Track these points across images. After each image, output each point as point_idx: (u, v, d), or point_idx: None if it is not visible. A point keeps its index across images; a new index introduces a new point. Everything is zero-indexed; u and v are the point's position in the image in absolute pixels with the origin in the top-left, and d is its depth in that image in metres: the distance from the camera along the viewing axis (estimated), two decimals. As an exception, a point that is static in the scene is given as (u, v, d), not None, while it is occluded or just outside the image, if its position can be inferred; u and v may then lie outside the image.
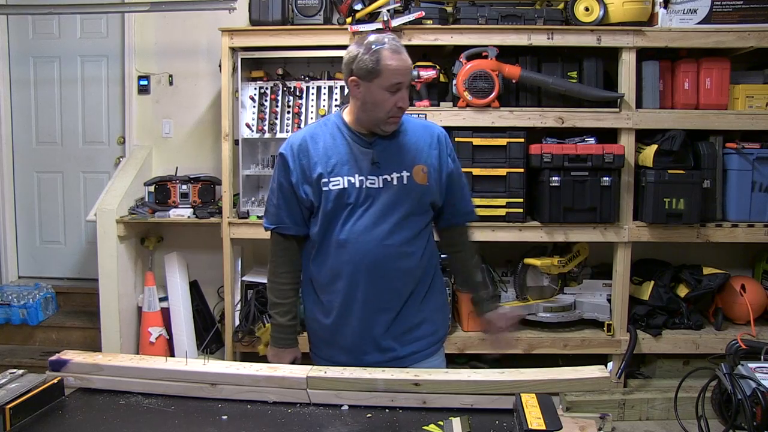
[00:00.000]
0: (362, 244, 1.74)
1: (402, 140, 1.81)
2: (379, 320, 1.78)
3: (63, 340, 4.05)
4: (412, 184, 1.77)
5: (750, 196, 3.46)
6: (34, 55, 4.40)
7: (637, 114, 3.42)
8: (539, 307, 3.57)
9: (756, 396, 2.23)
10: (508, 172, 3.41)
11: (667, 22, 3.41)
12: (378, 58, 1.68)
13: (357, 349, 1.80)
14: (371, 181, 1.75)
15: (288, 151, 1.80)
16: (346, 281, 1.77)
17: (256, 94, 3.62)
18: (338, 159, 1.76)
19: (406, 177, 1.77)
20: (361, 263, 1.74)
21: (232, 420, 1.45)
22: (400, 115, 1.75)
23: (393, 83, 1.69)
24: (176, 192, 3.85)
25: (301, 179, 1.77)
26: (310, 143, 1.78)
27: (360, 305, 1.77)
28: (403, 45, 1.75)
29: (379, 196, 1.75)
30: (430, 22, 3.43)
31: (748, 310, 3.52)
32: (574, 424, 1.34)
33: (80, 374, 1.58)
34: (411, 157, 1.79)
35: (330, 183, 1.74)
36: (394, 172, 1.76)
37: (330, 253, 1.78)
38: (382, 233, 1.74)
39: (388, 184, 1.76)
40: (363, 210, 1.75)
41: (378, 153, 1.77)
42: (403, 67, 1.70)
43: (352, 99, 1.78)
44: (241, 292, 3.73)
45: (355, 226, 1.74)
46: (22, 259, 4.56)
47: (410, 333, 1.82)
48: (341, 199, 1.74)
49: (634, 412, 3.39)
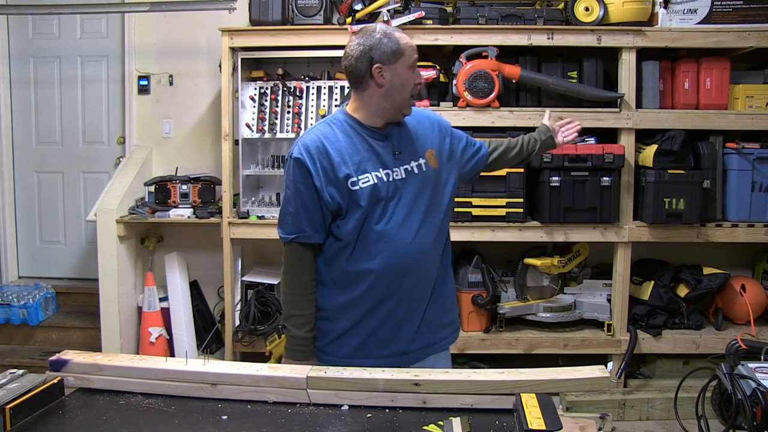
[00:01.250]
0: (401, 237, 1.74)
1: (409, 128, 1.83)
2: (418, 309, 1.82)
3: (63, 340, 4.05)
4: (429, 170, 1.81)
5: (750, 196, 3.46)
6: (34, 55, 4.40)
7: (637, 114, 3.42)
8: (539, 307, 3.57)
9: (756, 396, 2.23)
10: (508, 172, 3.41)
11: (667, 22, 3.42)
12: (396, 39, 1.72)
13: (398, 339, 1.81)
14: (396, 173, 1.76)
15: (305, 155, 1.72)
16: (389, 276, 1.75)
17: (256, 94, 3.62)
18: (361, 156, 1.73)
19: (423, 164, 1.80)
20: (403, 256, 1.74)
21: (232, 420, 1.44)
22: (417, 92, 1.81)
23: (414, 59, 1.76)
24: (176, 192, 3.85)
25: (326, 182, 1.71)
26: (327, 144, 1.72)
27: (401, 297, 1.78)
28: None
29: (405, 187, 1.76)
30: (430, 22, 3.43)
31: (748, 310, 3.52)
32: (574, 424, 1.34)
33: (80, 374, 1.58)
34: (422, 143, 1.82)
35: (360, 181, 1.71)
36: (412, 160, 1.79)
37: (369, 250, 1.74)
38: (417, 223, 1.76)
39: (409, 173, 1.77)
40: (395, 203, 1.74)
41: (397, 143, 1.78)
42: (413, 42, 1.80)
43: (371, 90, 1.75)
44: (241, 292, 3.73)
45: (391, 220, 1.73)
46: (22, 259, 4.56)
47: (440, 319, 1.88)
48: (374, 195, 1.72)
49: (634, 412, 3.39)
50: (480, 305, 3.52)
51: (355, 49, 1.72)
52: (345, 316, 1.81)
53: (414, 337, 1.83)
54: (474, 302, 3.53)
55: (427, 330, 1.85)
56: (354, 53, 1.73)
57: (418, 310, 1.82)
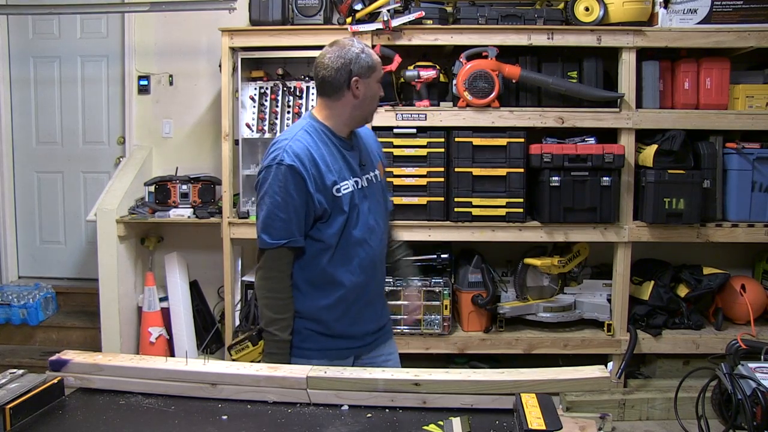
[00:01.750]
0: (373, 240, 1.90)
1: (362, 140, 1.98)
2: (381, 303, 2.02)
3: (63, 340, 4.05)
4: (381, 180, 1.99)
5: (750, 196, 3.46)
6: (34, 55, 4.40)
7: (637, 114, 3.42)
8: (539, 307, 3.57)
9: (756, 396, 2.23)
10: (508, 172, 3.41)
11: (667, 22, 3.41)
12: (371, 55, 1.85)
13: (365, 331, 1.95)
14: (362, 181, 1.90)
15: (297, 162, 1.76)
16: (364, 275, 1.89)
17: (256, 94, 3.62)
18: (339, 164, 1.85)
19: (377, 174, 1.97)
20: (376, 257, 1.92)
21: (232, 420, 1.45)
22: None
23: (382, 74, 1.90)
24: (176, 192, 3.85)
25: (316, 189, 1.78)
26: (314, 152, 1.80)
27: (370, 295, 1.94)
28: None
29: (369, 194, 1.91)
30: (430, 22, 3.43)
31: (748, 310, 3.52)
32: (574, 424, 1.34)
33: (80, 374, 1.58)
34: (373, 155, 1.99)
35: (342, 188, 1.83)
36: (370, 171, 1.94)
37: (348, 253, 1.86)
38: (383, 226, 1.96)
39: (370, 181, 1.92)
40: (366, 209, 1.88)
41: (359, 154, 1.92)
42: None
43: (345, 100, 1.83)
44: (241, 292, 3.73)
45: (365, 225, 1.87)
46: (22, 259, 4.56)
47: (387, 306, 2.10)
48: (352, 201, 1.84)
49: (634, 412, 3.39)
50: (480, 305, 3.52)
51: (335, 61, 1.80)
52: (322, 316, 1.88)
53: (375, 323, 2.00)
54: (474, 302, 3.53)
55: (382, 317, 2.04)
56: (333, 65, 1.80)
57: (378, 304, 2.00)
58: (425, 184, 3.43)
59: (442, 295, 3.46)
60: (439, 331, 3.49)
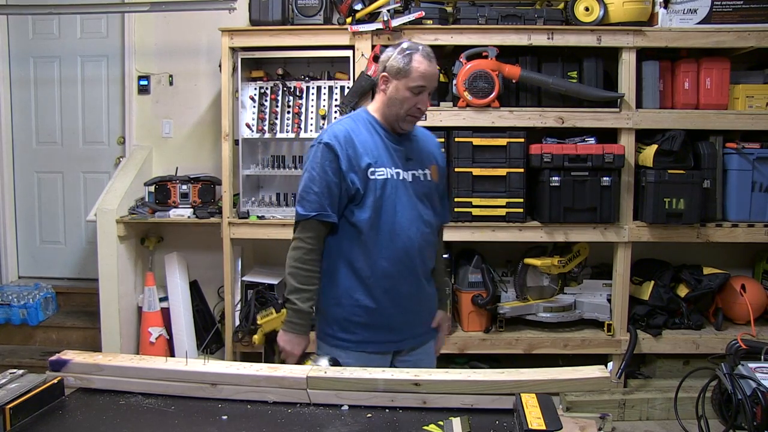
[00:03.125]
0: (410, 232, 1.91)
1: (419, 141, 2.03)
2: (419, 302, 2.00)
3: (63, 340, 4.05)
4: (431, 181, 2.01)
5: (750, 196, 3.46)
6: (34, 55, 4.40)
7: (637, 114, 3.42)
8: (539, 307, 3.57)
9: (756, 396, 2.24)
10: (508, 172, 3.41)
11: (667, 22, 3.42)
12: (410, 60, 1.87)
13: (404, 326, 1.97)
14: (405, 174, 1.93)
15: (334, 141, 1.88)
16: (394, 268, 1.90)
17: (256, 94, 3.62)
18: (379, 152, 1.91)
19: (428, 174, 2.00)
20: (410, 250, 1.92)
21: (232, 420, 1.45)
22: (419, 116, 1.93)
23: (418, 85, 1.87)
24: (176, 192, 3.85)
25: (349, 168, 1.87)
26: (353, 135, 1.90)
27: (406, 290, 1.94)
28: (431, 53, 1.91)
29: (412, 189, 1.94)
30: (430, 22, 3.43)
31: (748, 310, 3.52)
32: (574, 424, 1.34)
33: (80, 374, 1.58)
34: (428, 156, 2.02)
35: (377, 172, 1.88)
36: (419, 168, 1.97)
37: (380, 241, 1.89)
38: (421, 222, 1.95)
39: (416, 178, 1.96)
40: (404, 200, 1.91)
41: (410, 150, 1.97)
42: (430, 72, 1.88)
43: (379, 94, 1.95)
44: (241, 292, 3.73)
45: (401, 215, 1.90)
46: (22, 259, 4.56)
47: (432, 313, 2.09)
48: (386, 188, 1.88)
49: (634, 412, 3.39)
50: (480, 305, 3.52)
51: (383, 55, 1.93)
52: (353, 302, 1.92)
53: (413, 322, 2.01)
54: (474, 302, 3.53)
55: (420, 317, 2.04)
56: (381, 58, 1.94)
57: (415, 303, 1.99)
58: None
59: (442, 295, 3.46)
60: (439, 331, 3.49)
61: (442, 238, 2.20)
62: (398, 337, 1.97)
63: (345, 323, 1.94)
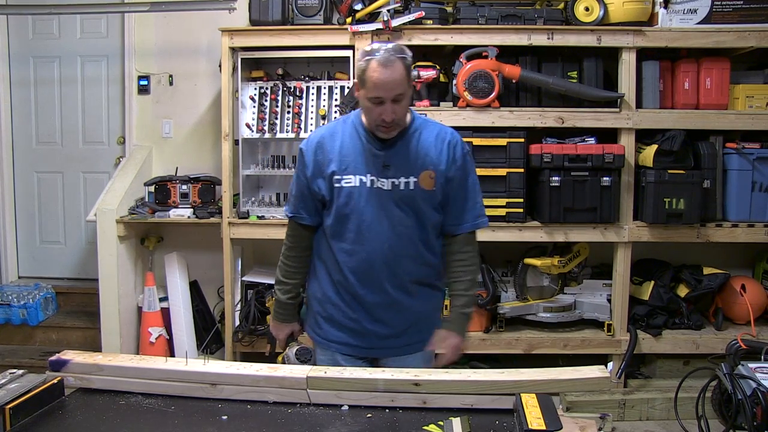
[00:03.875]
0: (376, 243, 1.83)
1: (414, 145, 1.84)
2: (393, 312, 1.90)
3: (63, 340, 4.05)
4: (418, 190, 1.83)
5: (750, 196, 3.46)
6: (34, 55, 4.40)
7: (637, 114, 3.42)
8: (539, 307, 3.57)
9: (756, 396, 2.24)
10: (508, 172, 3.41)
11: (667, 22, 3.41)
12: (365, 68, 1.71)
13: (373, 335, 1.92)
14: (381, 182, 1.82)
15: (306, 147, 1.89)
16: (359, 276, 1.87)
17: (256, 94, 3.62)
18: (353, 158, 1.83)
19: (413, 182, 1.82)
20: (374, 261, 1.84)
21: (232, 420, 1.45)
22: (386, 126, 1.77)
23: (374, 96, 1.72)
24: (176, 192, 3.85)
25: (316, 174, 1.86)
26: (327, 141, 1.86)
27: (371, 299, 1.88)
28: (401, 55, 1.73)
29: (389, 197, 1.82)
30: (430, 22, 3.43)
31: (748, 310, 3.52)
32: (574, 424, 1.34)
33: (80, 374, 1.58)
34: (420, 162, 1.83)
35: (342, 180, 1.82)
36: (402, 176, 1.82)
37: (343, 249, 1.87)
38: (393, 233, 1.83)
39: (395, 186, 1.82)
40: (375, 210, 1.82)
41: (389, 156, 1.83)
42: (385, 81, 1.69)
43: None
44: (241, 292, 3.73)
45: (368, 225, 1.82)
46: (22, 259, 4.56)
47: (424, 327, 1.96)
48: (352, 196, 1.82)
49: (634, 412, 3.39)
50: (480, 305, 3.51)
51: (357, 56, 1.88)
52: (324, 301, 1.94)
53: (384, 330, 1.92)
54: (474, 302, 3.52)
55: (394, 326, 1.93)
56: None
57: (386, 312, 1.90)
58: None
59: (442, 295, 3.45)
60: (439, 331, 3.49)
61: (466, 250, 1.92)
62: (368, 344, 1.92)
63: (320, 319, 1.97)
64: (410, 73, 1.77)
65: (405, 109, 1.78)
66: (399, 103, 1.73)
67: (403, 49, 1.76)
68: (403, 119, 1.80)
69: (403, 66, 1.71)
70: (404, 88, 1.74)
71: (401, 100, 1.74)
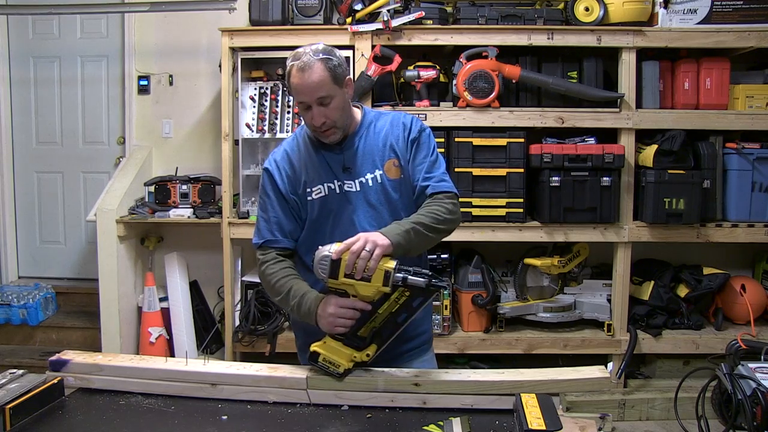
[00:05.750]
0: None
1: (370, 138, 1.79)
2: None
3: (63, 340, 4.05)
4: (386, 181, 1.76)
5: (750, 196, 3.46)
6: (34, 55, 4.40)
7: (637, 114, 3.42)
8: (539, 307, 3.57)
9: (756, 396, 2.23)
10: (508, 172, 3.41)
11: (667, 22, 3.41)
12: (288, 74, 1.68)
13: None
14: (348, 185, 1.75)
15: (272, 165, 1.80)
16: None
17: (256, 94, 3.62)
18: (315, 168, 1.76)
19: (379, 176, 1.75)
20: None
21: (232, 420, 1.45)
22: (319, 131, 1.71)
23: (298, 101, 1.69)
24: (176, 192, 3.85)
25: (290, 188, 1.76)
26: (291, 155, 1.79)
27: None
28: (323, 56, 1.65)
29: (359, 200, 1.74)
30: (430, 22, 3.43)
31: (748, 310, 3.52)
32: (574, 424, 1.34)
33: (80, 374, 1.58)
34: (381, 153, 1.77)
35: (313, 192, 1.75)
36: (368, 173, 1.75)
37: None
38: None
39: (364, 185, 1.75)
40: (347, 216, 1.74)
41: (349, 157, 1.76)
42: (303, 85, 1.65)
43: None
44: (241, 292, 3.73)
45: (340, 230, 1.72)
46: (22, 259, 4.56)
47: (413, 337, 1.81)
48: (324, 206, 1.74)
49: (634, 412, 3.39)
50: (480, 305, 3.52)
51: None
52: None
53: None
54: (474, 302, 3.53)
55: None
56: None
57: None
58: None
59: (442, 296, 3.46)
60: (439, 331, 3.49)
61: (429, 203, 1.72)
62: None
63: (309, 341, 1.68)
64: (338, 72, 1.67)
65: (338, 111, 1.69)
66: (327, 105, 1.67)
67: (328, 50, 1.69)
68: (341, 121, 1.72)
69: (323, 67, 1.65)
70: (328, 90, 1.66)
71: (328, 103, 1.67)
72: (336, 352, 1.54)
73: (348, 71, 1.76)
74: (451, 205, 1.73)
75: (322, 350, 1.55)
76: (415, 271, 1.52)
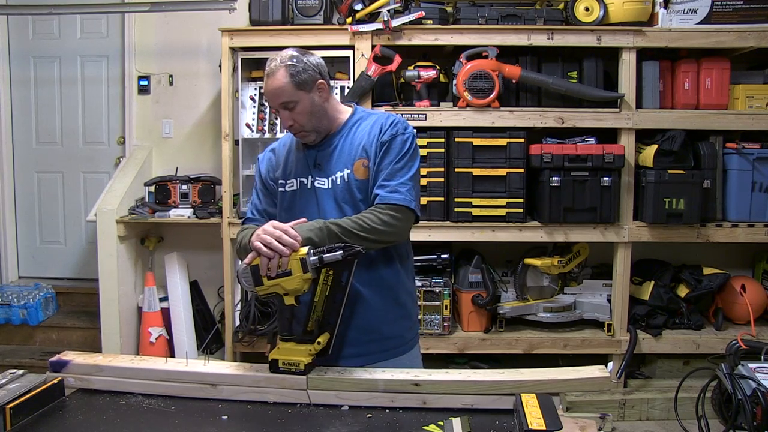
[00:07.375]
0: None
1: (350, 137, 1.80)
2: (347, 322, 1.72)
3: (63, 340, 4.05)
4: (352, 180, 1.75)
5: (750, 196, 3.46)
6: (34, 55, 4.40)
7: (637, 114, 3.42)
8: (539, 307, 3.57)
9: (756, 396, 2.24)
10: (508, 172, 3.41)
11: (667, 22, 3.41)
12: (265, 79, 1.77)
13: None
14: (320, 182, 1.78)
15: (261, 156, 1.93)
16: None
17: (256, 94, 3.62)
18: (294, 162, 1.84)
19: (347, 174, 1.75)
20: None
21: (232, 420, 1.45)
22: (293, 132, 1.78)
23: (272, 104, 1.77)
24: (176, 192, 3.85)
25: (270, 175, 1.88)
26: (278, 148, 1.91)
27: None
28: (287, 63, 1.72)
29: (327, 196, 1.76)
30: (430, 22, 3.43)
31: (748, 310, 3.52)
32: (575, 424, 1.34)
33: (80, 375, 1.58)
34: (354, 152, 1.77)
35: (286, 185, 1.83)
36: (338, 171, 1.77)
37: None
38: None
39: (335, 183, 1.76)
40: (314, 208, 1.77)
41: (321, 155, 1.80)
42: (267, 91, 1.74)
43: None
44: (241, 292, 3.73)
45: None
46: (22, 259, 4.56)
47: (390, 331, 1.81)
48: (294, 199, 1.81)
49: (634, 412, 3.39)
50: (480, 305, 3.52)
51: None
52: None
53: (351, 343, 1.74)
54: (474, 302, 3.53)
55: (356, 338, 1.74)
56: None
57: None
58: (425, 185, 3.43)
59: (442, 296, 3.46)
60: (439, 331, 3.49)
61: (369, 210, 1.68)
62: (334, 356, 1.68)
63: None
64: (302, 78, 1.72)
65: (305, 116, 1.73)
66: (292, 110, 1.72)
67: (293, 56, 1.75)
68: (309, 124, 1.74)
69: (285, 73, 1.72)
70: (289, 96, 1.71)
71: (293, 108, 1.71)
72: (292, 353, 1.56)
73: (320, 75, 1.77)
74: (389, 216, 1.67)
75: (279, 356, 1.56)
76: (328, 248, 1.54)
